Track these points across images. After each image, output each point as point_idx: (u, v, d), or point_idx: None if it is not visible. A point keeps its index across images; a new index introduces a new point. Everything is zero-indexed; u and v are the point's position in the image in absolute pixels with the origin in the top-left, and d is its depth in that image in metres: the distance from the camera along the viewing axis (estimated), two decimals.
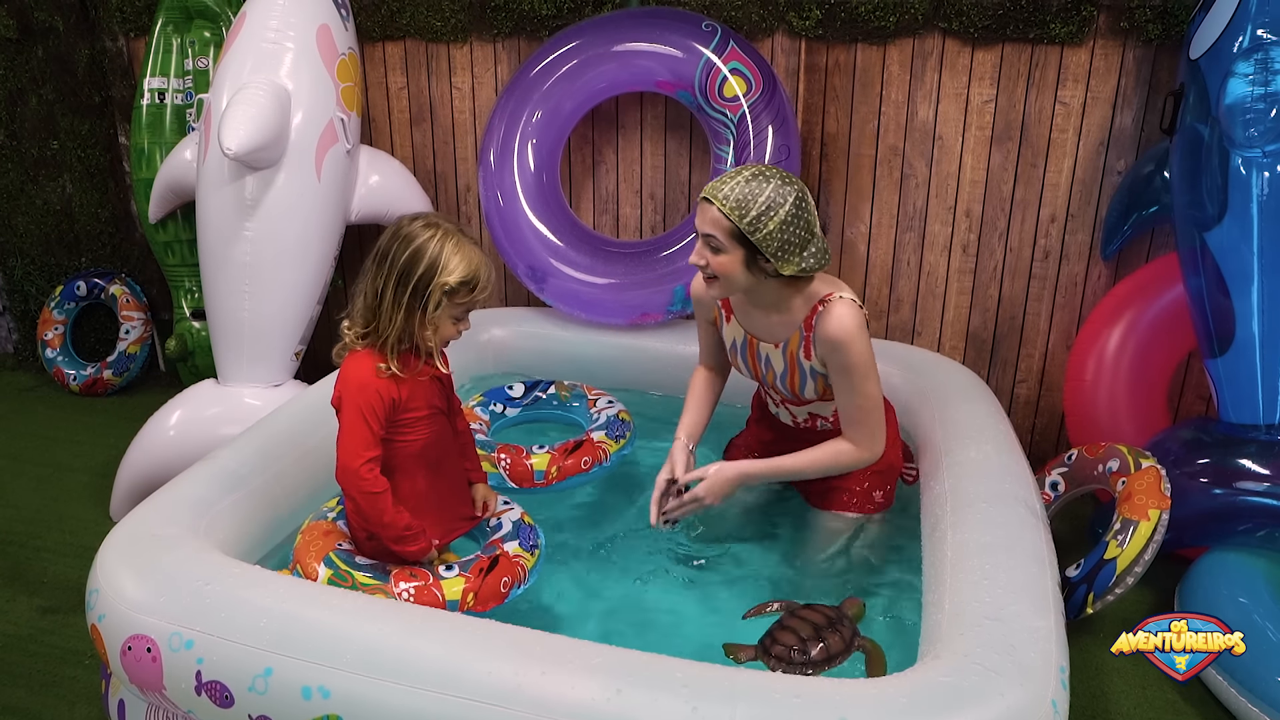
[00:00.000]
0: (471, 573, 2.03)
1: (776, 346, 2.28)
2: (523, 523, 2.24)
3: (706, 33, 3.04)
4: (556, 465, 2.59)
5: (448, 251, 1.91)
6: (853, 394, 2.19)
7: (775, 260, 2.07)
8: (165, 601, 1.73)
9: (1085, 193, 3.14)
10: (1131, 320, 2.99)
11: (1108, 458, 2.70)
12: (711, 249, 2.11)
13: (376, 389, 1.94)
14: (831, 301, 2.16)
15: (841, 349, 2.13)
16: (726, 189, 2.06)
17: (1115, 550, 2.46)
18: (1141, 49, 2.96)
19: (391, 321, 1.92)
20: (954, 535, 2.00)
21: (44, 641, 2.56)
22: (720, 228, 2.07)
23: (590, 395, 2.95)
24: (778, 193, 2.04)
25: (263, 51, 3.04)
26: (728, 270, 2.11)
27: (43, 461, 3.53)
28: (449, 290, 1.92)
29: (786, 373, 2.29)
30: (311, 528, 2.13)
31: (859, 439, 2.24)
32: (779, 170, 2.10)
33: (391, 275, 1.91)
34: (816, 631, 1.95)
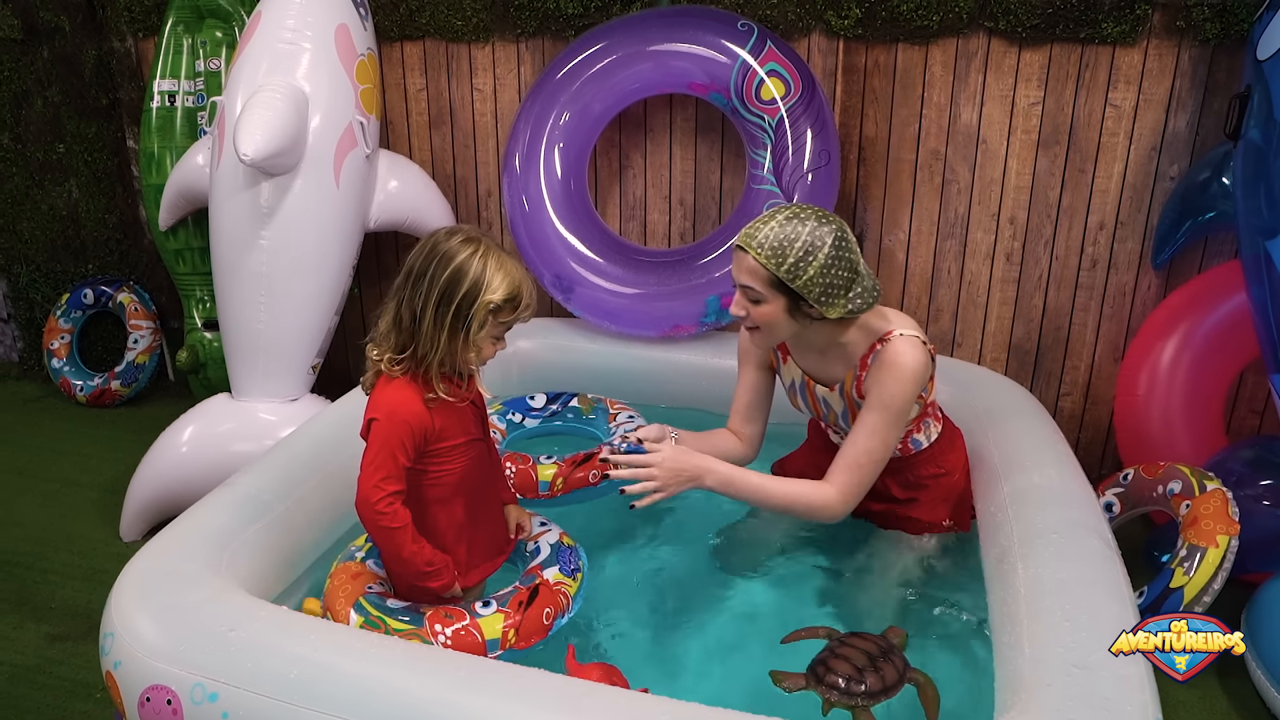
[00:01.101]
0: (510, 607, 1.90)
1: (833, 390, 2.18)
2: (562, 545, 2.11)
3: (743, 32, 2.91)
4: (563, 477, 2.47)
5: (490, 269, 1.80)
6: (870, 435, 2.04)
7: (819, 306, 1.97)
8: (187, 648, 1.60)
9: (1136, 199, 3.01)
10: (1186, 332, 2.88)
11: (1168, 479, 2.59)
12: (751, 300, 2.01)
13: (407, 419, 1.82)
14: (892, 339, 2.05)
15: (889, 379, 2.02)
16: (761, 235, 1.95)
17: (1182, 578, 2.36)
18: (1198, 49, 2.83)
19: (434, 344, 1.80)
20: (1025, 570, 1.87)
21: (52, 673, 2.44)
22: (758, 277, 1.97)
23: (612, 409, 2.83)
24: (815, 234, 1.94)
25: (279, 52, 2.92)
26: (770, 319, 2.01)
27: (49, 476, 3.43)
28: (494, 309, 1.81)
29: (847, 413, 2.19)
30: (340, 570, 2.00)
31: (844, 485, 2.06)
32: (815, 209, 1.99)
33: (432, 295, 1.79)
34: (871, 661, 1.86)
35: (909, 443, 2.26)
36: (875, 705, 1.81)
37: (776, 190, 2.89)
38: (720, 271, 2.97)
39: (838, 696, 1.81)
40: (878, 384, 2.04)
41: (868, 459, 2.05)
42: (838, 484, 2.06)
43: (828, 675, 1.84)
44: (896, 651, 1.92)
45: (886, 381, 2.02)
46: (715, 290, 2.97)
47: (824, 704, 1.82)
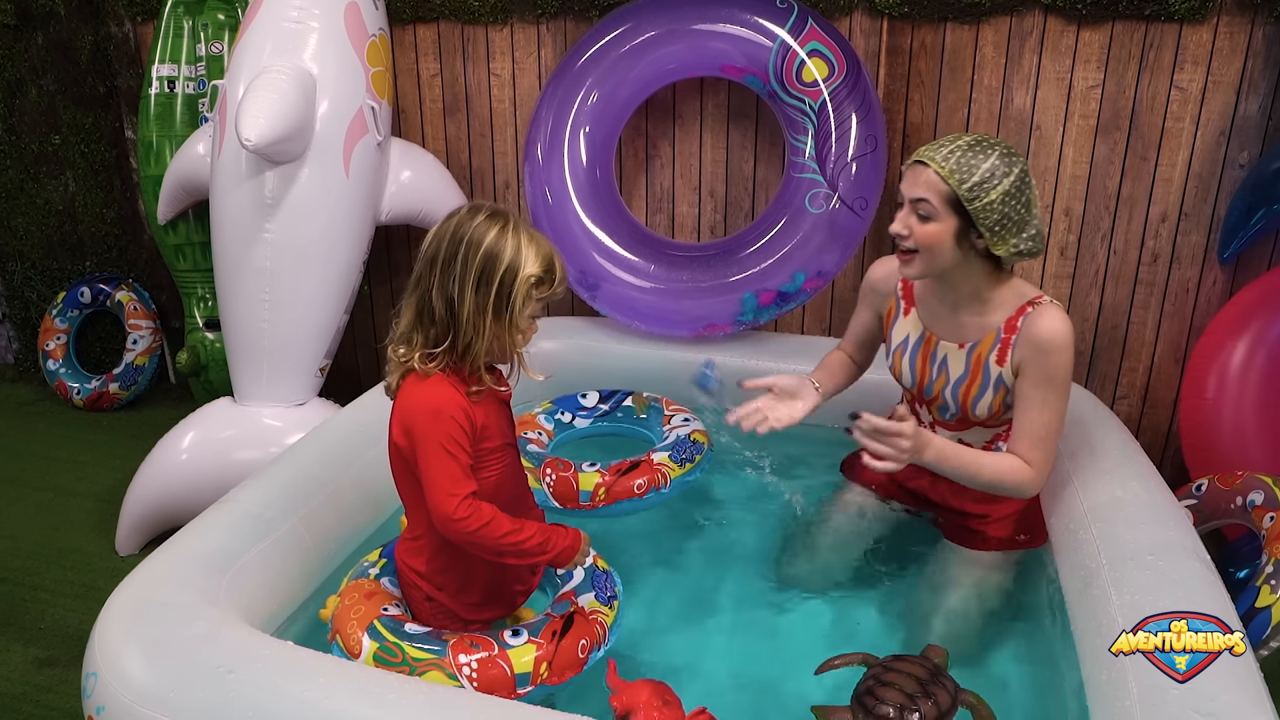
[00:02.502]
0: (543, 637, 1.71)
1: (961, 347, 2.04)
2: (596, 569, 1.92)
3: (782, 10, 2.72)
4: (605, 487, 2.29)
5: (524, 243, 1.67)
6: (1042, 409, 1.96)
7: (990, 236, 1.89)
8: (180, 693, 1.41)
9: (1202, 189, 2.82)
10: (1259, 331, 2.69)
11: (1248, 489, 2.40)
12: (920, 216, 1.90)
13: (454, 415, 1.64)
14: (1043, 304, 1.97)
15: (1052, 355, 1.93)
16: (945, 151, 1.88)
17: (1269, 597, 2.16)
18: (1272, 26, 2.63)
19: (479, 330, 1.66)
20: (1119, 597, 1.68)
21: (40, 701, 2.27)
22: (935, 191, 1.87)
23: (667, 410, 2.64)
24: (1003, 162, 1.87)
25: (284, 32, 2.75)
26: (935, 241, 1.90)
27: (43, 485, 3.26)
28: (535, 282, 1.68)
29: (964, 379, 2.04)
30: (352, 588, 1.80)
31: (1037, 461, 1.99)
32: (1002, 142, 1.91)
33: (468, 278, 1.64)
34: (922, 686, 1.69)
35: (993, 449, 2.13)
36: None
37: (819, 178, 2.70)
38: (758, 267, 2.78)
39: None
40: (1037, 361, 1.95)
41: (1048, 431, 1.98)
42: (1032, 461, 1.99)
43: (879, 706, 1.67)
44: (944, 673, 1.77)
45: (1051, 354, 1.94)
46: (752, 287, 2.78)
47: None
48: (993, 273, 1.99)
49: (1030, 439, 1.98)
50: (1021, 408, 1.98)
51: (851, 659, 1.82)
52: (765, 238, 2.79)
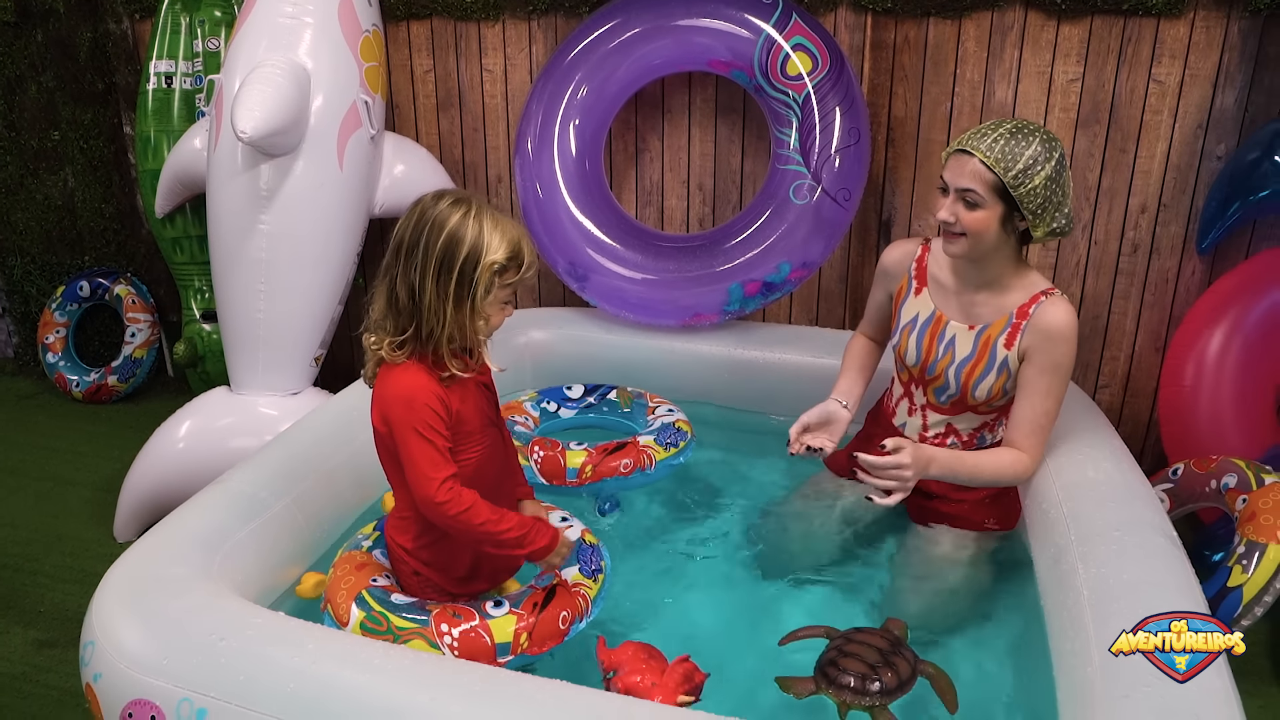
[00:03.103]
0: (524, 608, 1.77)
1: (971, 328, 2.11)
2: (584, 542, 1.98)
3: (767, 6, 2.77)
4: (591, 464, 2.37)
5: (487, 228, 1.67)
6: (1045, 397, 2.04)
7: (1033, 219, 1.96)
8: (173, 660, 1.46)
9: (1180, 180, 2.86)
10: (1235, 319, 2.73)
11: (1222, 472, 2.45)
12: (967, 204, 1.97)
13: (427, 401, 1.68)
14: (1056, 295, 2.05)
15: (1058, 344, 2.01)
16: (988, 141, 1.94)
17: (1241, 576, 2.22)
18: (1248, 20, 2.68)
19: (440, 318, 1.67)
20: (1086, 571, 1.73)
21: (39, 681, 2.32)
22: (982, 181, 1.94)
23: (651, 403, 2.70)
24: (1044, 148, 1.93)
25: (279, 28, 2.80)
26: (983, 227, 1.97)
27: (42, 475, 3.30)
28: (498, 270, 1.68)
29: (970, 360, 2.10)
30: (344, 560, 1.87)
31: (1033, 449, 2.08)
32: (1041, 127, 1.98)
33: (429, 265, 1.66)
34: (883, 656, 1.76)
35: (975, 441, 2.20)
36: (893, 703, 1.72)
37: (804, 170, 2.75)
38: (744, 257, 2.82)
39: (853, 698, 1.71)
40: (1046, 349, 2.02)
41: (1047, 419, 2.07)
42: (1029, 448, 2.08)
43: (840, 676, 1.73)
44: (904, 644, 1.84)
45: (1057, 343, 2.01)
46: (738, 277, 2.83)
47: (839, 707, 1.71)
48: (1017, 258, 2.08)
49: (1029, 425, 2.06)
50: (1024, 394, 2.05)
51: (814, 631, 1.87)
52: (751, 229, 2.84)
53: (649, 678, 1.66)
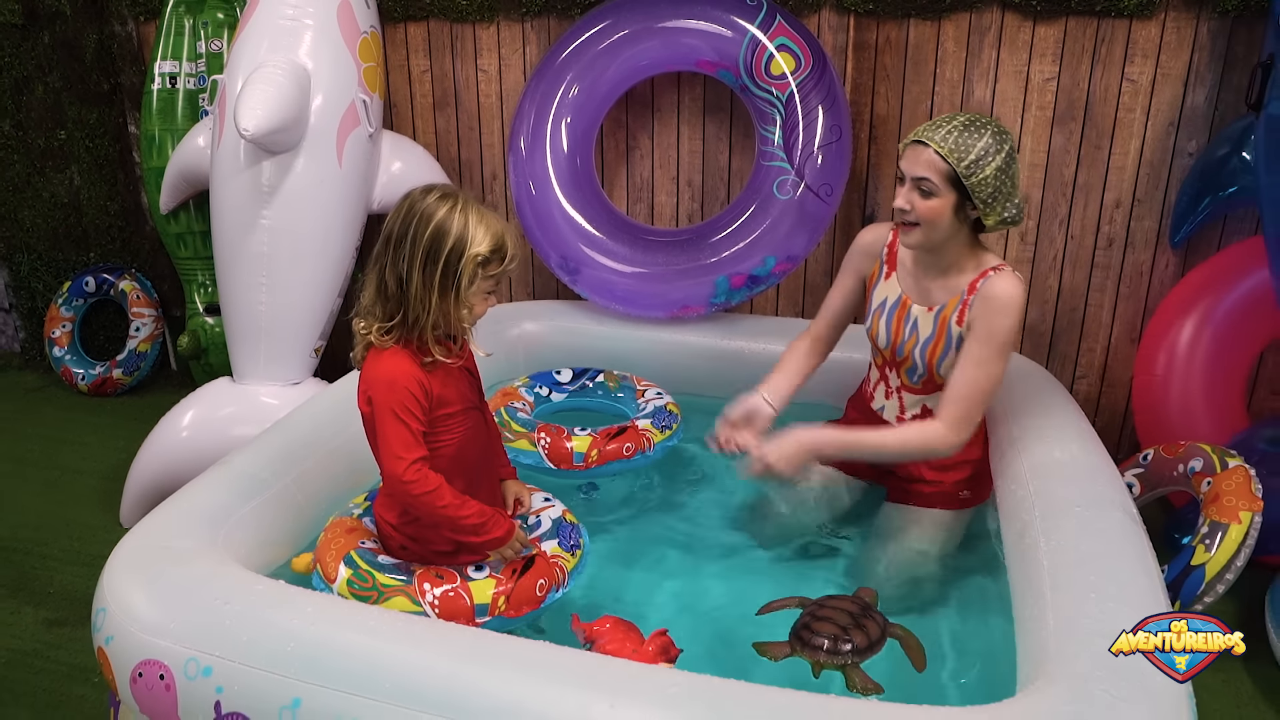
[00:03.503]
0: (504, 574, 1.87)
1: (930, 310, 2.20)
2: (564, 520, 2.07)
3: (751, 7, 2.86)
4: (597, 449, 2.47)
5: (472, 222, 1.76)
6: (977, 366, 2.09)
7: (983, 208, 2.04)
8: (180, 622, 1.55)
9: (1153, 176, 2.95)
10: (1206, 311, 2.82)
11: (1189, 457, 2.53)
12: (922, 192, 2.05)
13: (407, 385, 1.77)
14: (1003, 270, 2.12)
15: (997, 314, 2.07)
16: (942, 133, 2.02)
17: (1204, 555, 2.30)
18: (1217, 21, 2.77)
19: (425, 306, 1.76)
20: (1047, 543, 1.81)
21: (50, 657, 2.40)
22: (936, 170, 2.02)
23: (639, 386, 2.82)
24: (994, 139, 2.02)
25: (280, 30, 2.88)
26: (935, 215, 2.05)
27: (50, 465, 3.39)
28: (482, 261, 1.76)
29: (931, 340, 2.19)
30: (335, 524, 1.98)
31: (953, 419, 2.12)
32: (993, 120, 2.07)
33: (416, 256, 1.74)
34: (853, 620, 1.87)
35: None
36: (864, 662, 1.81)
37: (787, 166, 2.84)
38: (729, 251, 2.92)
39: (826, 657, 1.81)
40: (984, 316, 2.09)
41: (973, 389, 2.10)
42: (944, 417, 2.13)
43: (814, 639, 1.84)
44: (873, 609, 1.94)
45: (994, 314, 2.08)
46: (724, 270, 2.92)
47: (814, 667, 1.81)
48: (973, 243, 2.15)
49: (953, 395, 2.11)
50: (960, 363, 2.12)
51: (789, 602, 1.97)
52: (736, 223, 2.93)
53: (627, 649, 1.75)
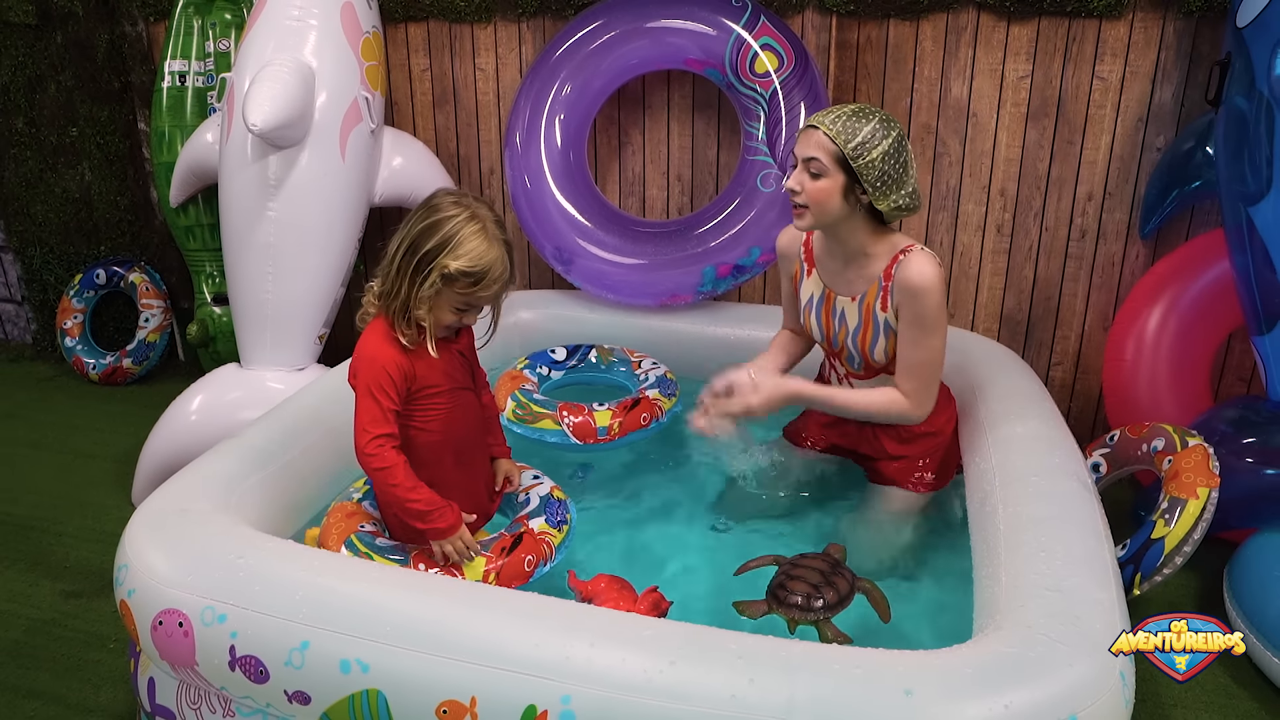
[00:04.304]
0: (493, 551, 1.96)
1: (853, 300, 2.28)
2: (551, 497, 2.17)
3: (736, 8, 2.98)
4: (618, 421, 2.60)
5: (463, 235, 1.81)
6: (916, 346, 2.19)
7: (872, 191, 2.11)
8: (197, 575, 1.67)
9: (1123, 170, 3.07)
10: (1172, 299, 2.92)
11: (1152, 437, 2.64)
12: (811, 174, 2.13)
13: (384, 365, 1.86)
14: (913, 251, 2.18)
15: (918, 297, 2.14)
16: (831, 118, 2.11)
17: (1163, 529, 2.40)
18: (1182, 21, 2.89)
19: (395, 289, 1.84)
20: (1005, 509, 1.93)
21: (68, 625, 2.52)
22: (824, 150, 2.10)
23: (633, 358, 2.96)
24: (882, 125, 2.10)
25: (286, 29, 3.00)
26: (824, 196, 2.13)
27: (64, 449, 3.50)
28: (447, 275, 1.81)
29: (860, 328, 2.28)
30: (336, 509, 2.08)
31: (912, 392, 2.24)
32: (882, 110, 2.16)
33: (406, 239, 1.83)
34: (824, 578, 1.98)
35: None
36: (835, 616, 1.94)
37: (770, 160, 2.96)
38: (716, 241, 3.04)
39: (800, 614, 1.93)
40: (908, 305, 2.17)
41: (919, 365, 2.21)
42: (908, 391, 2.25)
43: (789, 597, 1.95)
44: (843, 565, 2.06)
45: (919, 296, 2.14)
46: (711, 260, 3.04)
47: (789, 623, 1.93)
48: (876, 229, 2.21)
49: (905, 370, 2.23)
50: (900, 346, 2.22)
51: (764, 560, 2.10)
52: (722, 215, 3.05)
53: (622, 605, 1.87)
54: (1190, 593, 2.64)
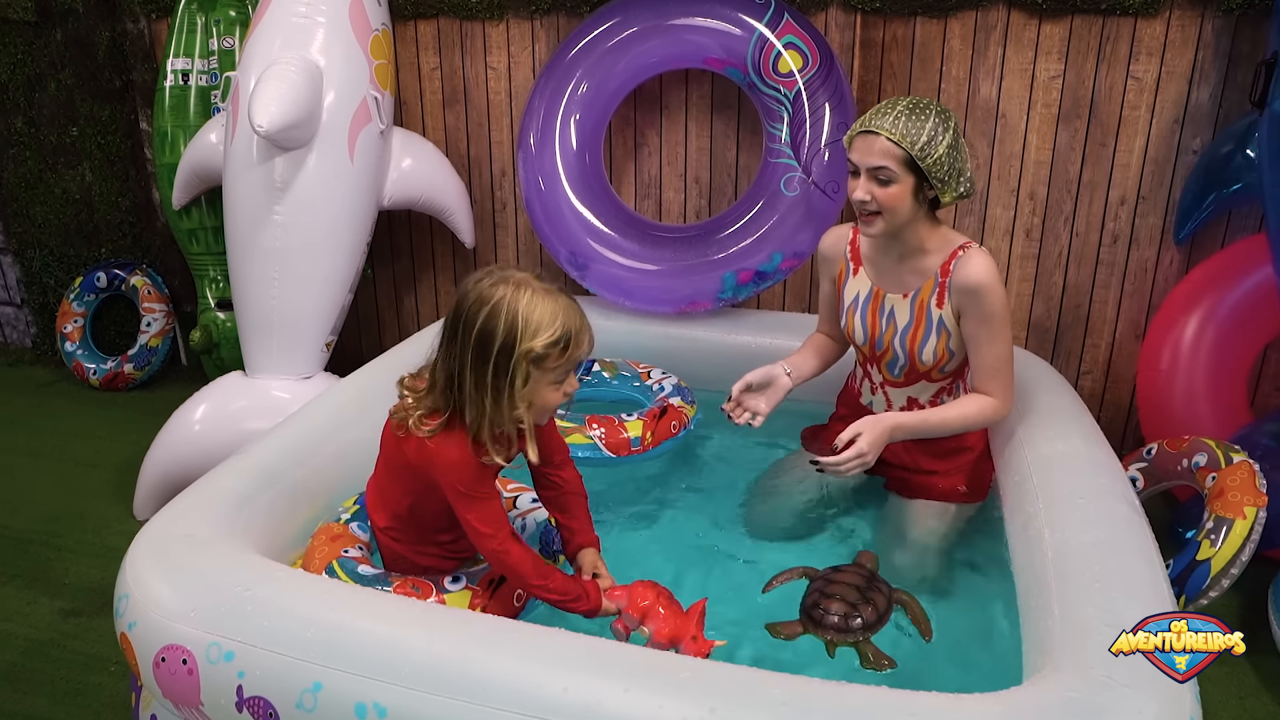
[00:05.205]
0: (480, 585, 1.84)
1: (905, 297, 2.24)
2: (548, 525, 2.07)
3: (760, 5, 2.88)
4: (650, 431, 2.54)
5: (524, 309, 1.57)
6: (990, 344, 2.15)
7: (940, 186, 2.08)
8: (202, 608, 1.57)
9: (1158, 173, 2.97)
10: (1210, 307, 2.84)
11: (1193, 452, 2.55)
12: (880, 181, 2.08)
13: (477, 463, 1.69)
14: (971, 249, 2.17)
15: (982, 295, 2.12)
16: (890, 120, 2.05)
17: (1209, 550, 2.31)
18: (1221, 19, 2.79)
19: (480, 409, 1.62)
20: (1052, 535, 1.84)
21: (67, 647, 2.43)
22: (890, 156, 2.06)
23: (639, 369, 2.88)
24: (940, 119, 2.07)
25: (293, 27, 2.90)
26: (897, 201, 2.09)
27: (63, 458, 3.42)
28: (536, 358, 1.59)
29: (910, 326, 2.23)
30: (321, 531, 1.98)
31: (998, 391, 2.20)
32: (933, 101, 2.11)
33: (467, 353, 1.60)
34: (861, 594, 1.90)
35: (939, 403, 2.31)
36: (875, 635, 1.86)
37: (794, 163, 2.86)
38: (737, 246, 2.94)
39: (838, 635, 1.84)
40: (973, 301, 2.14)
41: (1000, 361, 2.17)
42: (993, 391, 2.19)
43: (825, 617, 1.86)
44: (878, 577, 1.98)
45: (983, 294, 2.12)
46: (731, 266, 2.95)
47: (827, 645, 1.85)
48: (933, 223, 2.19)
49: (986, 372, 2.18)
50: (972, 348, 2.18)
51: (792, 574, 2.01)
52: (744, 219, 2.96)
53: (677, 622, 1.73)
54: (1232, 612, 2.55)
